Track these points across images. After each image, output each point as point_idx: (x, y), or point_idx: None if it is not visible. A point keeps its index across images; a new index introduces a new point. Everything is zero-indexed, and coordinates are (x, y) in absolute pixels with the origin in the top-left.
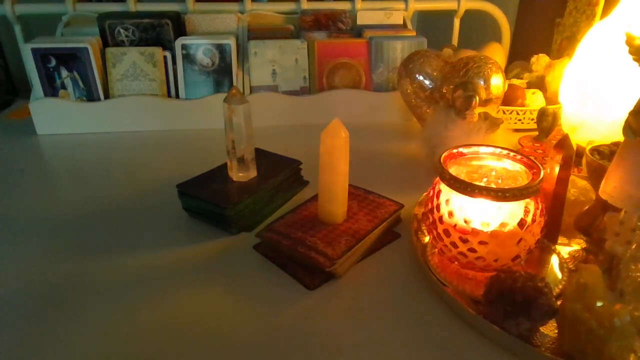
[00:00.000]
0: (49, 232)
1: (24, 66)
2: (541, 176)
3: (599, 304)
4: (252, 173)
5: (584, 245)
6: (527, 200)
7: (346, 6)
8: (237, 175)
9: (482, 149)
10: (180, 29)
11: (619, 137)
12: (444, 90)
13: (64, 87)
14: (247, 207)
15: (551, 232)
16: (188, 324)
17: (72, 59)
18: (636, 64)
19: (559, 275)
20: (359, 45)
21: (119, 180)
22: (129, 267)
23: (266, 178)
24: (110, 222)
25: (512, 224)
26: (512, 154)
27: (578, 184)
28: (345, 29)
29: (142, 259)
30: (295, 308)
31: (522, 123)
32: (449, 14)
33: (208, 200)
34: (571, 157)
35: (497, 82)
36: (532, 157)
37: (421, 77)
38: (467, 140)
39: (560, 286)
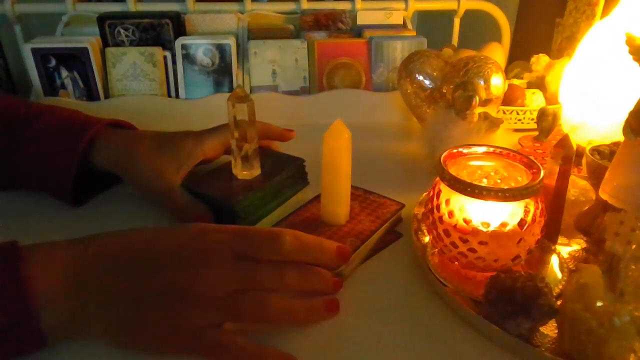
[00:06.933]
0: (48, 232)
1: (24, 66)
2: (541, 176)
3: (599, 304)
4: (256, 171)
5: (584, 245)
6: (527, 200)
7: (346, 6)
8: (242, 173)
9: (482, 149)
10: (180, 29)
11: (619, 137)
12: (444, 90)
13: (64, 87)
14: (252, 203)
15: (551, 232)
16: None
17: (72, 59)
18: (636, 64)
19: (559, 275)
20: (359, 45)
21: None
22: None
23: (270, 176)
24: (110, 221)
25: (512, 224)
26: (512, 154)
27: (578, 184)
28: (345, 29)
29: None
30: None
31: (522, 123)
32: (449, 14)
33: (213, 196)
34: (571, 156)
35: (497, 82)
36: (532, 157)
37: (421, 77)
38: (467, 140)
39: (560, 286)
